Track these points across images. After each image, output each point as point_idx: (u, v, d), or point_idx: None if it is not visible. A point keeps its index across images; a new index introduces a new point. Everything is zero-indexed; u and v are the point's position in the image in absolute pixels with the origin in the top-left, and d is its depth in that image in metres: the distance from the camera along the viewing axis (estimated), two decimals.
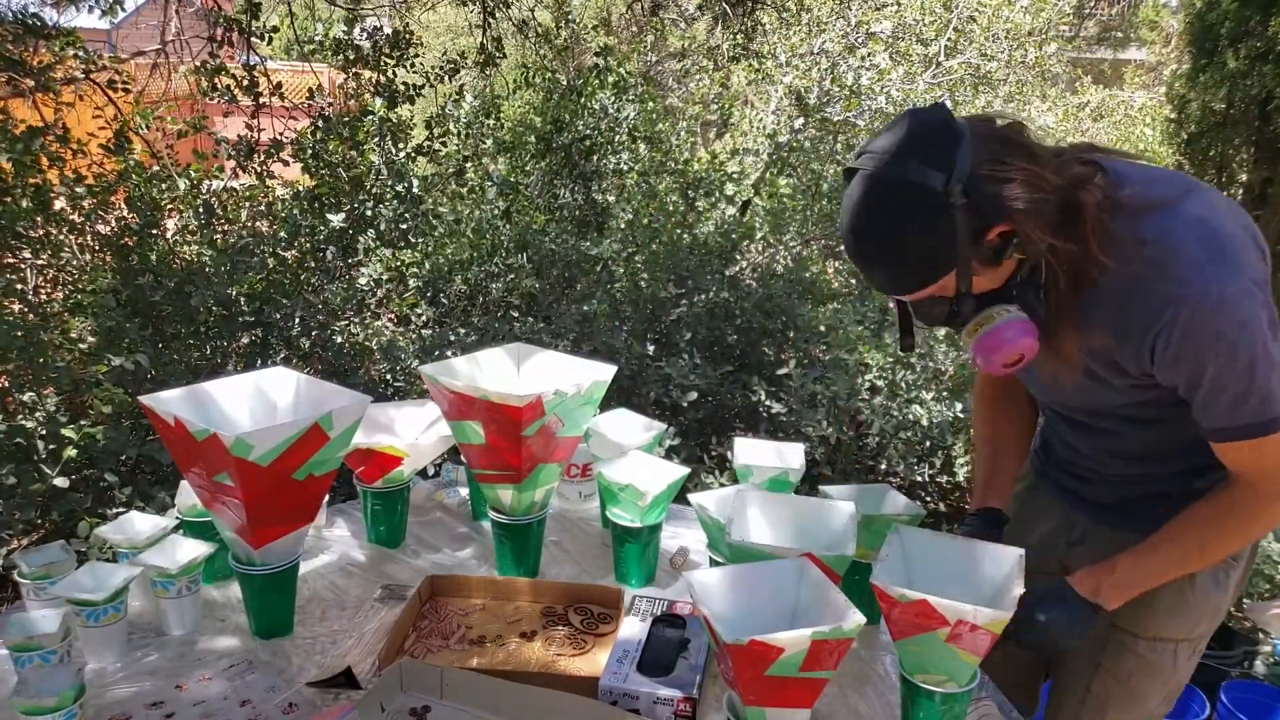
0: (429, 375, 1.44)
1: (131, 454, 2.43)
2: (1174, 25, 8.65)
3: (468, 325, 3.73)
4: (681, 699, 1.18)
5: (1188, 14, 5.01)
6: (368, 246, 3.70)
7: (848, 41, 5.94)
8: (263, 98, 3.63)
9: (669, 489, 1.49)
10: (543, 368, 1.62)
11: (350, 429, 1.29)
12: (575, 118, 4.76)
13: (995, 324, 1.14)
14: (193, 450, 1.21)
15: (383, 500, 1.62)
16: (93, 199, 2.97)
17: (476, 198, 4.33)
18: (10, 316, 2.48)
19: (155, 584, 1.33)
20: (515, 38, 5.51)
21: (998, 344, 1.14)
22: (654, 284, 3.88)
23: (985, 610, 1.03)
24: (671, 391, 3.29)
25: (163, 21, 3.98)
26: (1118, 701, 1.40)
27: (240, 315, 3.12)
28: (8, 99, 2.99)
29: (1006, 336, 1.13)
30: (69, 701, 1.07)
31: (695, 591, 1.08)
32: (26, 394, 2.40)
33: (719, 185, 4.86)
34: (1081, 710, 1.43)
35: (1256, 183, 4.34)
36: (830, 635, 0.98)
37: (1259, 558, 2.80)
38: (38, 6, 5.00)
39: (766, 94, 6.02)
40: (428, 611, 1.42)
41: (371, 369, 3.41)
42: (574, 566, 1.62)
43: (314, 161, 3.65)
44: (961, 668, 1.08)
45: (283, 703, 1.19)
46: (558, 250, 4.07)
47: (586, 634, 1.36)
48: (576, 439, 1.49)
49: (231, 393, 1.38)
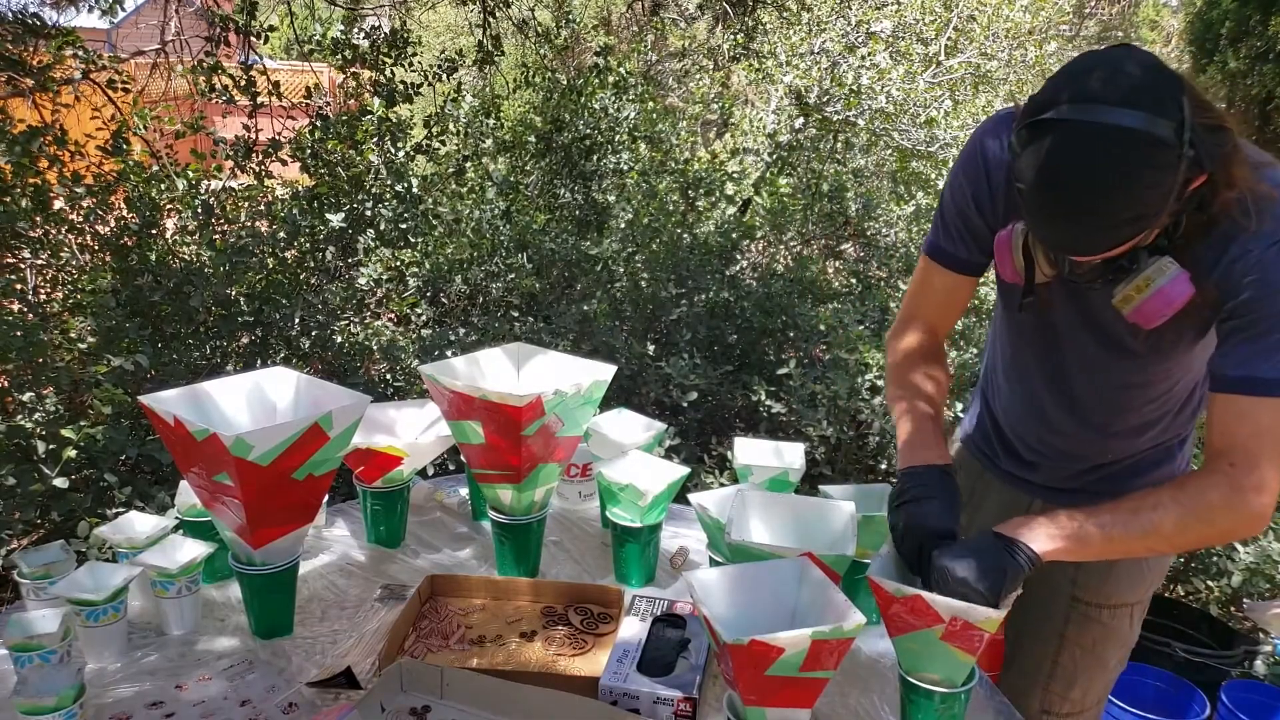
0: (429, 375, 1.43)
1: (131, 454, 2.43)
2: (1174, 25, 8.65)
3: (468, 325, 3.73)
4: (681, 699, 1.18)
5: (1188, 13, 5.01)
6: (367, 246, 3.70)
7: (848, 41, 5.94)
8: (260, 97, 3.63)
9: (669, 489, 1.49)
10: (543, 368, 1.62)
11: (350, 429, 1.29)
12: (575, 117, 4.76)
13: (1165, 278, 1.08)
14: (192, 450, 1.21)
15: (382, 500, 1.62)
16: (91, 199, 2.96)
17: (476, 197, 4.33)
18: (10, 316, 2.47)
19: (155, 584, 1.33)
20: (515, 37, 5.50)
21: (1172, 298, 1.08)
22: (654, 284, 3.88)
23: (978, 609, 1.03)
24: (671, 391, 3.29)
25: (162, 21, 3.98)
26: (1084, 669, 1.46)
27: (240, 315, 3.12)
28: (7, 99, 2.99)
29: (1177, 291, 1.08)
30: (69, 701, 1.07)
31: (695, 591, 1.08)
32: (26, 394, 2.40)
33: (719, 185, 4.86)
34: (1051, 684, 1.48)
35: None
36: (830, 635, 0.98)
37: (1259, 558, 2.80)
38: (37, 6, 5.00)
39: (766, 93, 6.02)
40: (428, 611, 1.42)
41: (371, 369, 3.41)
42: (574, 566, 1.62)
43: (313, 161, 3.65)
44: (958, 666, 1.08)
45: (283, 703, 1.19)
46: (558, 250, 4.07)
47: (586, 634, 1.36)
48: (576, 439, 1.49)
49: (231, 393, 1.38)
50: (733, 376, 3.54)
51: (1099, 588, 1.40)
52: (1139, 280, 1.09)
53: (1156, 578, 1.43)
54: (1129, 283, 1.10)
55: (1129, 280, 1.10)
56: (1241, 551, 2.83)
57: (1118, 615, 1.42)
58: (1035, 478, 1.47)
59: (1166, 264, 1.09)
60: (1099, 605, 1.41)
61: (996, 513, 1.50)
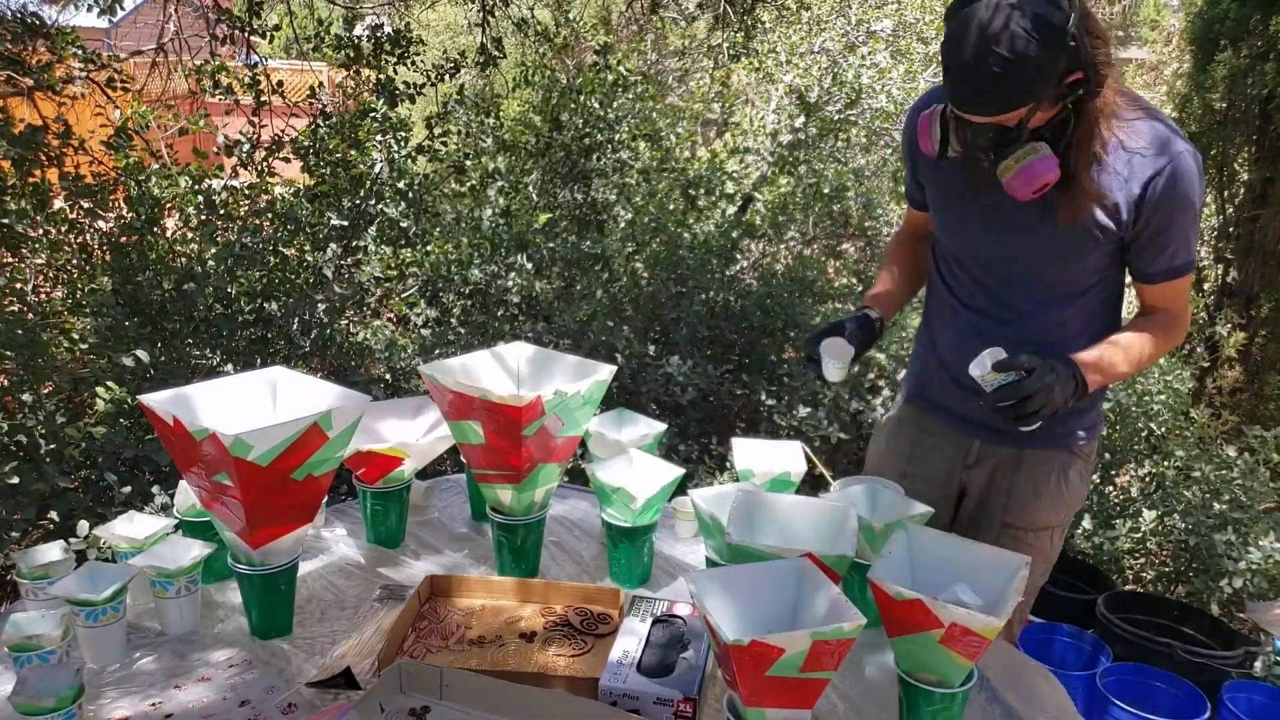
0: (429, 375, 1.43)
1: (131, 454, 2.42)
2: (1175, 24, 8.64)
3: (468, 325, 3.73)
4: (681, 699, 1.17)
5: (1189, 13, 5.01)
6: (368, 245, 3.69)
7: (848, 40, 5.93)
8: (263, 96, 3.63)
9: (662, 491, 1.48)
10: (543, 368, 1.61)
11: (350, 429, 1.29)
12: (575, 116, 4.75)
13: (1038, 155, 1.36)
14: (192, 450, 1.21)
15: (382, 500, 1.62)
16: (91, 199, 2.96)
17: (477, 196, 4.33)
18: (10, 315, 2.47)
19: (155, 584, 1.32)
20: (515, 36, 5.49)
21: (1039, 172, 1.36)
22: (654, 284, 3.88)
23: (979, 615, 1.03)
24: (671, 391, 3.28)
25: (161, 21, 3.98)
26: None
27: (240, 314, 3.12)
28: (7, 98, 2.99)
29: (1045, 167, 1.36)
30: (68, 702, 1.07)
31: (695, 591, 1.08)
32: (26, 394, 2.39)
33: (719, 184, 4.85)
34: None
35: (1258, 182, 4.34)
36: (831, 635, 0.98)
37: (1262, 557, 2.80)
38: (37, 5, 5.00)
39: (767, 93, 6.01)
40: (427, 612, 1.42)
41: (371, 369, 3.41)
42: (574, 566, 1.61)
43: (314, 159, 3.64)
44: (955, 670, 1.08)
45: (282, 703, 1.19)
46: (558, 250, 4.06)
47: (586, 634, 1.36)
48: (576, 439, 1.49)
49: (231, 392, 1.38)
50: (732, 376, 3.54)
51: (1025, 514, 1.64)
52: (1017, 154, 1.37)
53: (1075, 503, 1.67)
54: (1010, 157, 1.38)
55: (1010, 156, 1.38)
56: (1243, 552, 2.83)
57: (1041, 537, 1.65)
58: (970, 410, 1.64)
59: (1040, 146, 1.37)
60: (1025, 529, 1.63)
61: (940, 459, 1.71)
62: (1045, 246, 1.51)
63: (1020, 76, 1.28)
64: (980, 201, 1.53)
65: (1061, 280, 1.53)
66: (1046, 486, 1.63)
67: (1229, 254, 4.54)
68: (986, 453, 1.67)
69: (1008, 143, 1.37)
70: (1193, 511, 3.03)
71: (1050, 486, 1.63)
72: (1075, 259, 1.51)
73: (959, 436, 1.70)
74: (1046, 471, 1.62)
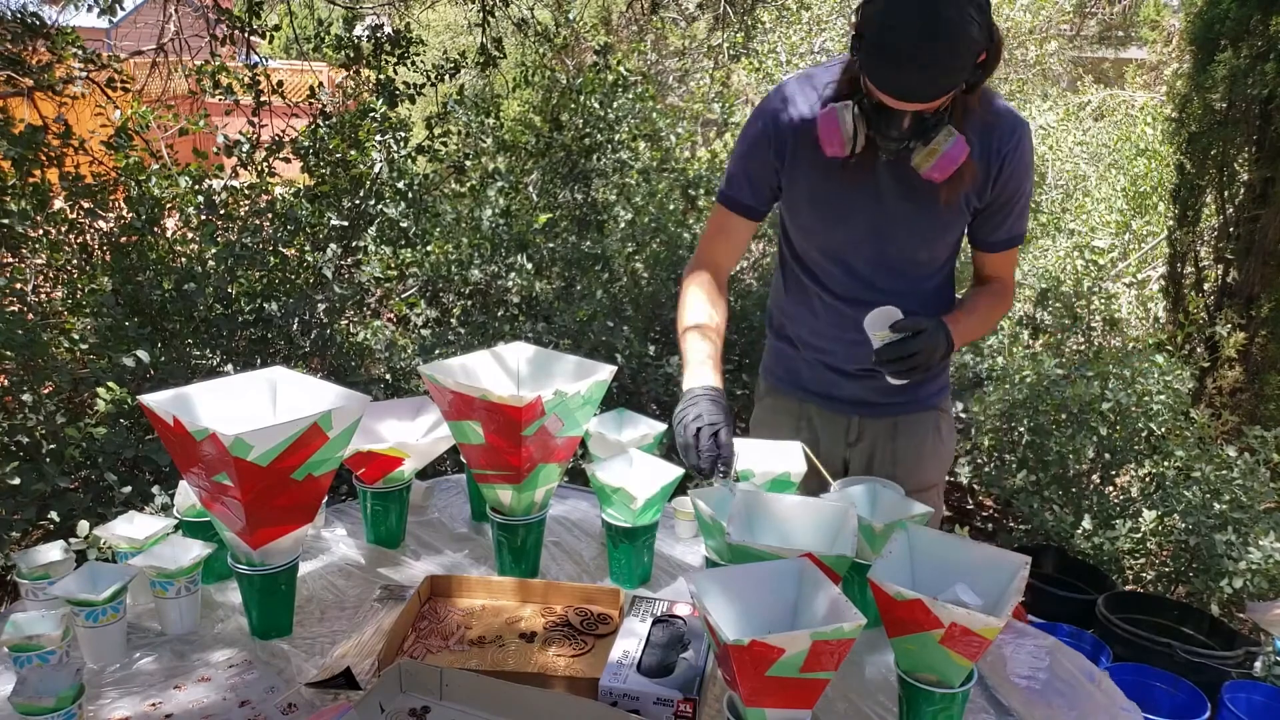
0: (429, 375, 1.43)
1: (131, 454, 2.42)
2: (1175, 24, 8.64)
3: (468, 325, 3.73)
4: (681, 700, 1.17)
5: (1188, 13, 5.01)
6: (368, 245, 3.69)
7: (848, 40, 5.93)
8: (263, 96, 3.63)
9: (662, 491, 1.48)
10: (543, 368, 1.61)
11: (350, 429, 1.29)
12: (574, 116, 4.75)
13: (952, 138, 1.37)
14: (192, 450, 1.21)
15: (382, 500, 1.62)
16: (91, 199, 2.96)
17: (477, 196, 4.32)
18: (10, 315, 2.47)
19: (155, 584, 1.32)
20: (515, 36, 5.50)
21: (955, 155, 1.38)
22: (654, 284, 3.88)
23: (979, 615, 1.03)
24: (672, 391, 3.28)
25: (161, 21, 3.98)
26: None
27: (240, 314, 3.12)
28: (7, 98, 2.99)
29: (959, 150, 1.38)
30: (68, 702, 1.07)
31: (695, 591, 1.08)
32: (26, 394, 2.39)
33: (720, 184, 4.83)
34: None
35: (1258, 182, 4.33)
36: (831, 635, 0.98)
37: (1262, 557, 2.80)
38: (37, 5, 5.00)
39: (767, 93, 6.00)
40: (427, 612, 1.42)
41: (371, 369, 3.41)
42: (574, 566, 1.61)
43: (314, 160, 3.64)
44: (955, 670, 1.08)
45: (282, 703, 1.19)
46: (558, 250, 4.06)
47: (586, 634, 1.36)
48: (576, 439, 1.49)
49: (231, 392, 1.38)
50: (732, 376, 3.54)
51: (914, 476, 1.72)
52: (933, 145, 1.37)
53: (950, 456, 1.82)
54: (925, 149, 1.38)
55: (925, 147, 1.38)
56: (1243, 552, 2.83)
57: (929, 496, 1.76)
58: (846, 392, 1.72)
59: (951, 130, 1.38)
60: (915, 490, 1.65)
61: (824, 442, 1.77)
62: (928, 228, 1.55)
63: (965, 58, 1.27)
64: (863, 193, 1.54)
65: (931, 258, 1.60)
66: (925, 445, 1.75)
67: (1229, 254, 4.53)
68: (866, 427, 1.75)
69: (929, 129, 1.36)
70: (1193, 511, 3.03)
71: (929, 445, 1.75)
72: (950, 234, 1.57)
73: (838, 418, 1.76)
74: (922, 432, 1.74)
